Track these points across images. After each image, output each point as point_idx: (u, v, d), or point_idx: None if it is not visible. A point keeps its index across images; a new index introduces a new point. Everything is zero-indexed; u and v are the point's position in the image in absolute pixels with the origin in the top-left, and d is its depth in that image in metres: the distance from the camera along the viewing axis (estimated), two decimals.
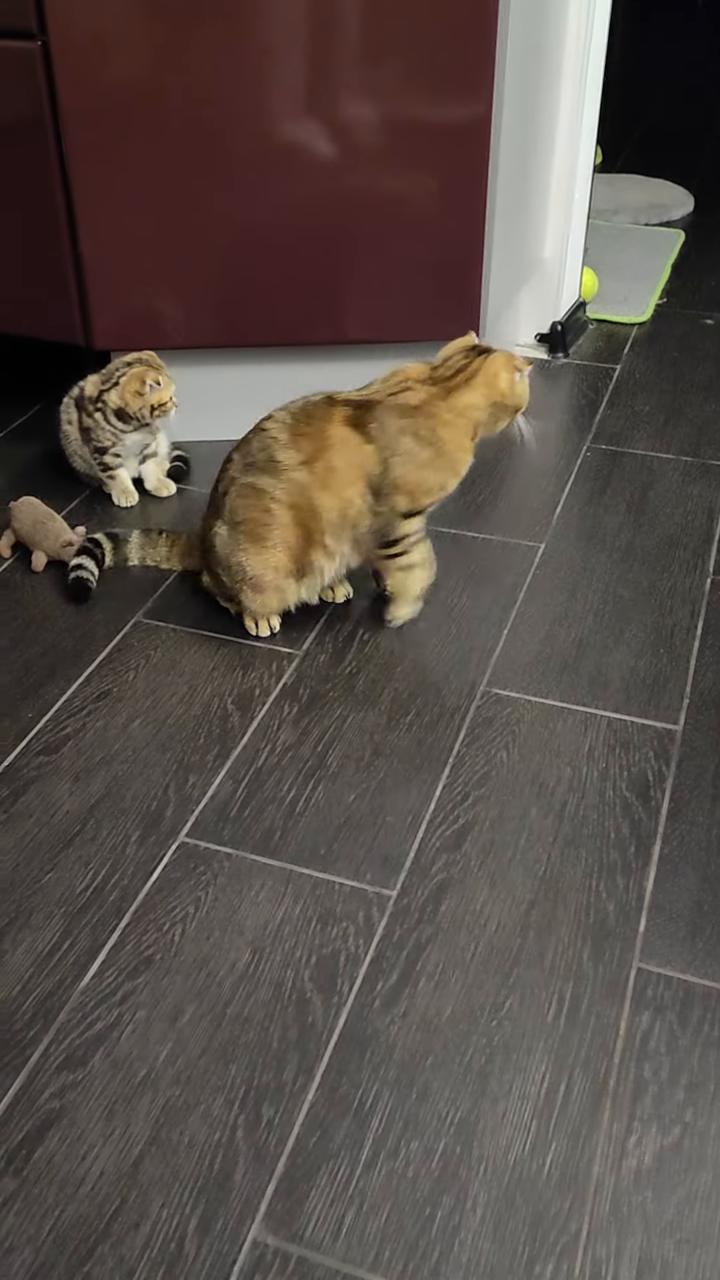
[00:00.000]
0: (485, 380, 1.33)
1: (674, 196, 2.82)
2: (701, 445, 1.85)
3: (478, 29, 1.52)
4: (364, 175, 1.61)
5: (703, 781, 1.23)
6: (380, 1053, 0.97)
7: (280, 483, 1.33)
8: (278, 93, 1.54)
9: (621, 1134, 0.91)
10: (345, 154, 1.60)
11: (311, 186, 1.61)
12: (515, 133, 1.73)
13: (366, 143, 1.59)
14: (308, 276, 1.68)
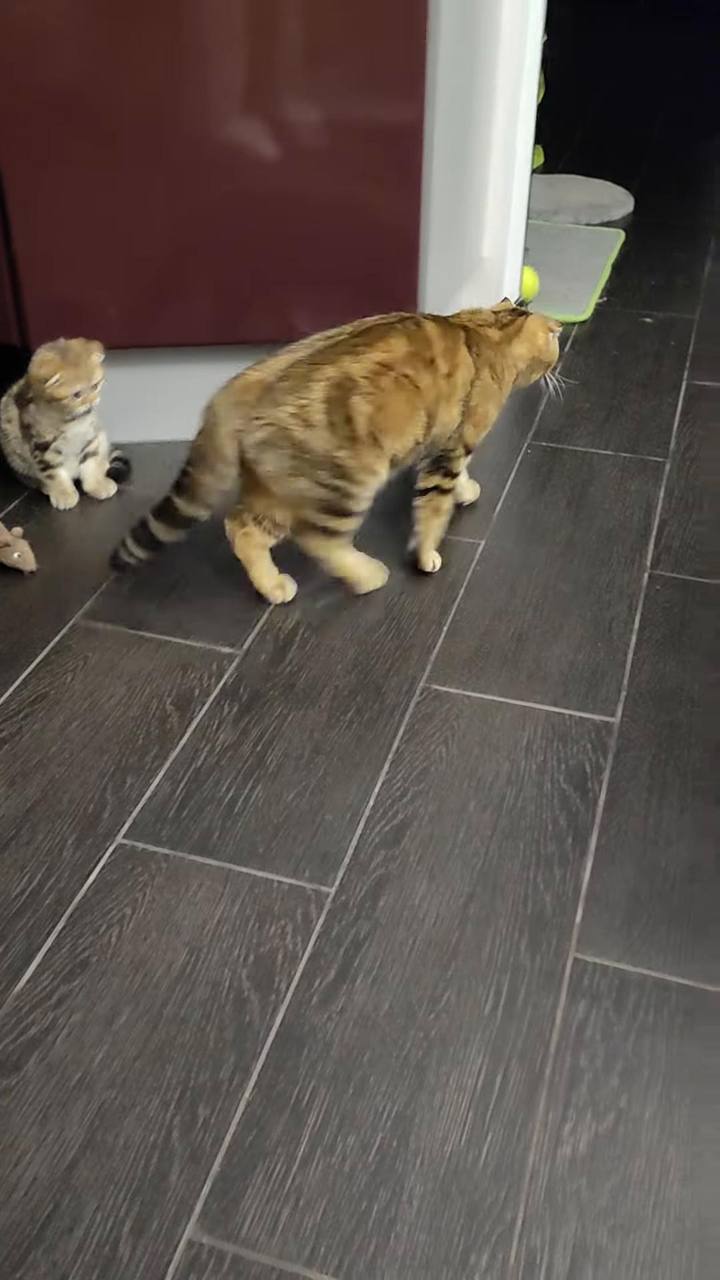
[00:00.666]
0: (527, 336, 1.52)
1: (614, 197, 2.85)
2: (640, 442, 1.87)
3: (409, 30, 1.52)
4: (299, 175, 1.61)
5: (639, 773, 1.24)
6: (318, 1049, 0.97)
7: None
8: (211, 92, 1.54)
9: (557, 1122, 0.92)
10: (280, 154, 1.60)
11: (246, 186, 1.61)
12: (451, 133, 1.74)
13: (301, 143, 1.59)
14: (245, 276, 1.68)
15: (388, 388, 1.36)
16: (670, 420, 1.94)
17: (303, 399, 1.32)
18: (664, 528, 1.66)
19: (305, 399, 1.32)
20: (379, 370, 1.35)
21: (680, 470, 1.80)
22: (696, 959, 1.04)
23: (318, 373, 1.33)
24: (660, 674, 1.38)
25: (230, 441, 1.34)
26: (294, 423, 1.32)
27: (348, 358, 1.35)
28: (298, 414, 1.32)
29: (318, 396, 1.33)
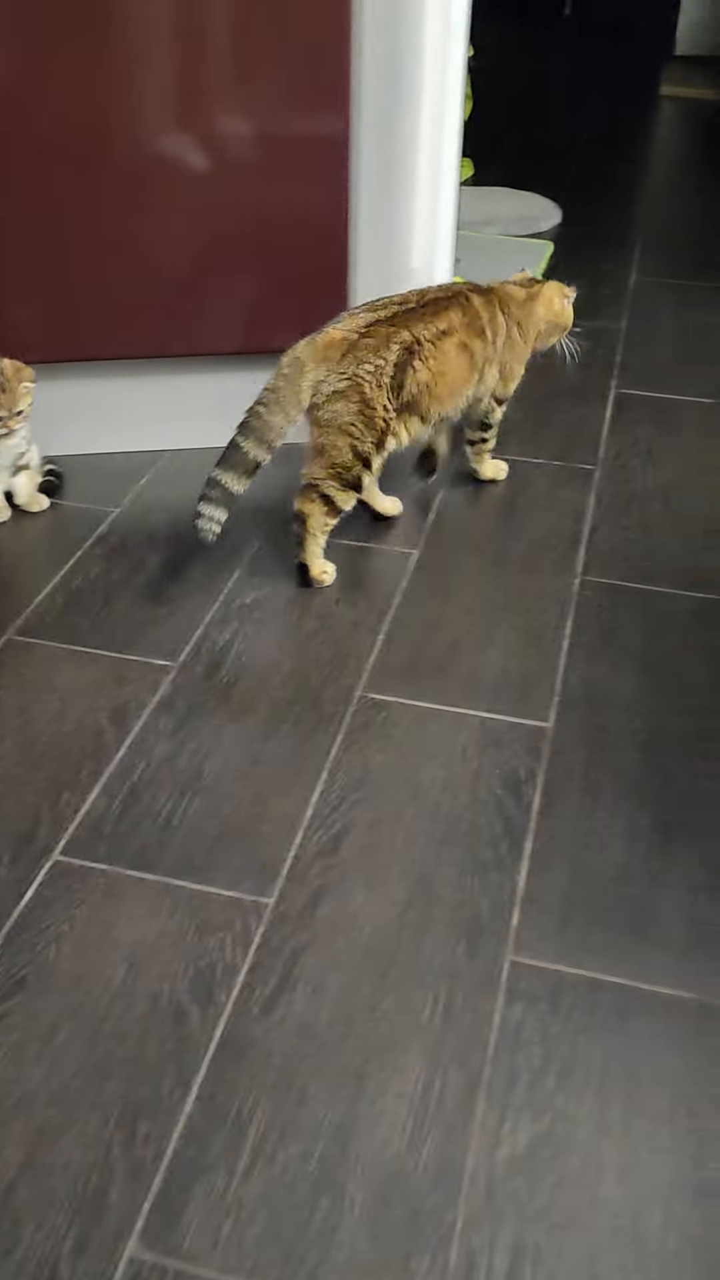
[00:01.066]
0: (545, 301, 1.67)
1: (542, 209, 2.90)
2: (570, 450, 1.90)
3: (332, 45, 1.54)
4: (226, 189, 1.62)
5: (572, 776, 1.27)
6: (258, 1060, 0.97)
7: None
8: (137, 108, 1.54)
9: (495, 1125, 0.93)
10: (207, 168, 1.60)
11: (175, 200, 1.61)
12: (377, 146, 1.75)
13: (228, 157, 1.60)
14: (173, 290, 1.68)
15: (449, 353, 1.52)
16: (599, 428, 1.97)
17: (381, 359, 1.46)
18: (594, 534, 1.69)
19: (383, 359, 1.46)
20: (440, 337, 1.51)
21: (609, 477, 1.83)
22: (629, 958, 1.06)
23: (395, 336, 1.47)
24: (592, 678, 1.41)
25: (309, 390, 1.46)
26: (369, 379, 1.46)
27: (420, 324, 1.50)
28: (374, 372, 1.46)
29: (392, 359, 1.46)
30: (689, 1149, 0.91)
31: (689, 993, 1.03)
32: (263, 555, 1.62)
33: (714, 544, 1.66)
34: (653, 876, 1.14)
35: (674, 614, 1.52)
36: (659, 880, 1.14)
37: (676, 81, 4.25)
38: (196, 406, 1.84)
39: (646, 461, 1.87)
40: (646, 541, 1.67)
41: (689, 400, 2.07)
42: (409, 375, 1.48)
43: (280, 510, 1.72)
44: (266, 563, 1.60)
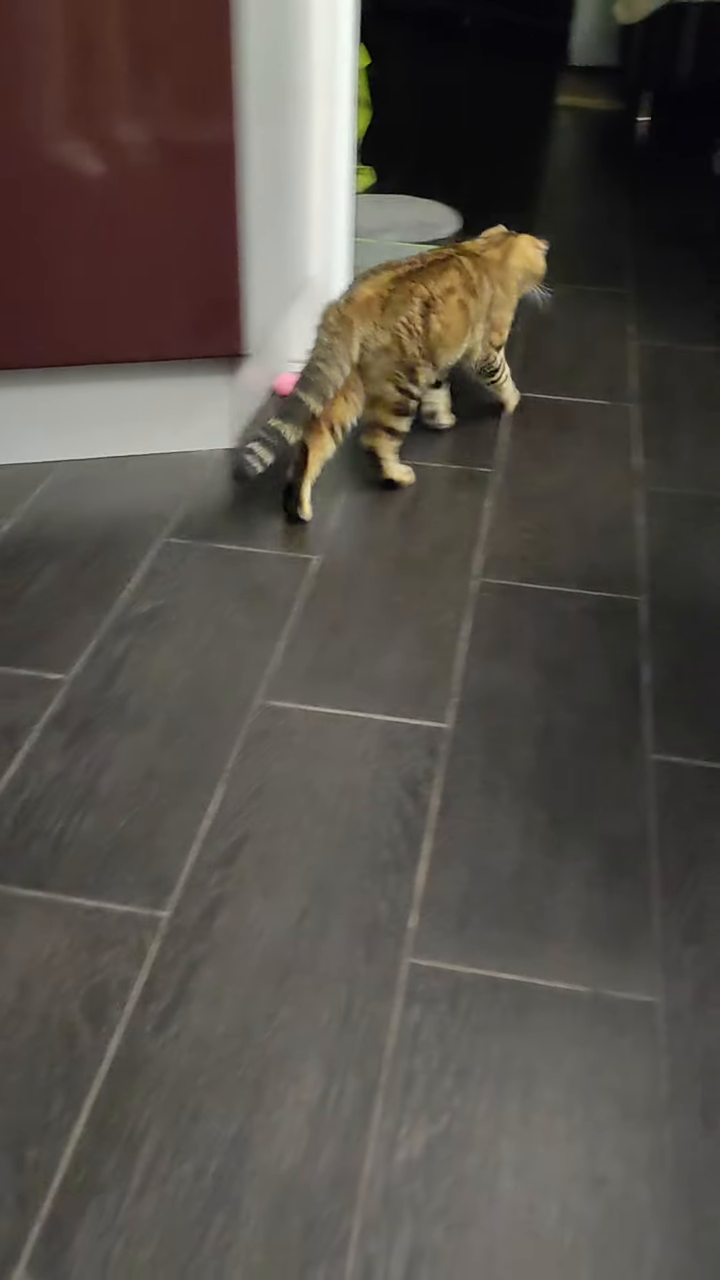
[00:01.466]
0: (519, 253, 1.86)
1: (441, 216, 2.92)
2: (468, 453, 1.92)
3: (214, 52, 1.53)
4: (112, 199, 1.60)
5: (470, 775, 1.27)
6: (152, 1078, 0.95)
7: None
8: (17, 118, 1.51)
9: (392, 1128, 0.92)
10: (90, 178, 1.58)
11: (61, 210, 1.59)
12: (268, 154, 1.75)
13: (111, 167, 1.58)
14: (64, 298, 1.65)
15: (453, 308, 1.72)
16: (496, 431, 1.99)
17: (410, 312, 1.66)
18: (491, 536, 1.70)
19: (411, 312, 1.66)
20: (447, 294, 1.70)
21: (507, 479, 1.85)
22: (525, 955, 1.07)
23: (416, 291, 1.67)
24: (489, 678, 1.41)
25: (359, 343, 1.64)
26: (404, 331, 1.65)
27: (431, 282, 1.69)
28: (407, 324, 1.65)
29: (417, 311, 1.66)
30: (584, 1140, 0.91)
31: (584, 986, 1.04)
32: (159, 566, 1.60)
33: (608, 543, 1.69)
34: (548, 873, 1.15)
35: (570, 613, 1.53)
36: (554, 876, 1.15)
37: (572, 91, 4.33)
38: (91, 417, 1.82)
39: (542, 463, 1.90)
40: (543, 542, 1.69)
41: (585, 402, 2.10)
42: (430, 324, 1.68)
43: (164, 521, 1.71)
44: (163, 573, 1.59)
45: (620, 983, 1.04)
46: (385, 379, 1.67)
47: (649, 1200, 0.88)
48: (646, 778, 1.27)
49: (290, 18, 1.81)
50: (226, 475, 1.82)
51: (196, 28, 1.52)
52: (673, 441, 1.98)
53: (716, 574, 1.63)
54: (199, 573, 1.59)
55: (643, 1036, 1.00)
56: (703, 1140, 0.92)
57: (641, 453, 1.94)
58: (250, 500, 1.76)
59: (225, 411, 1.87)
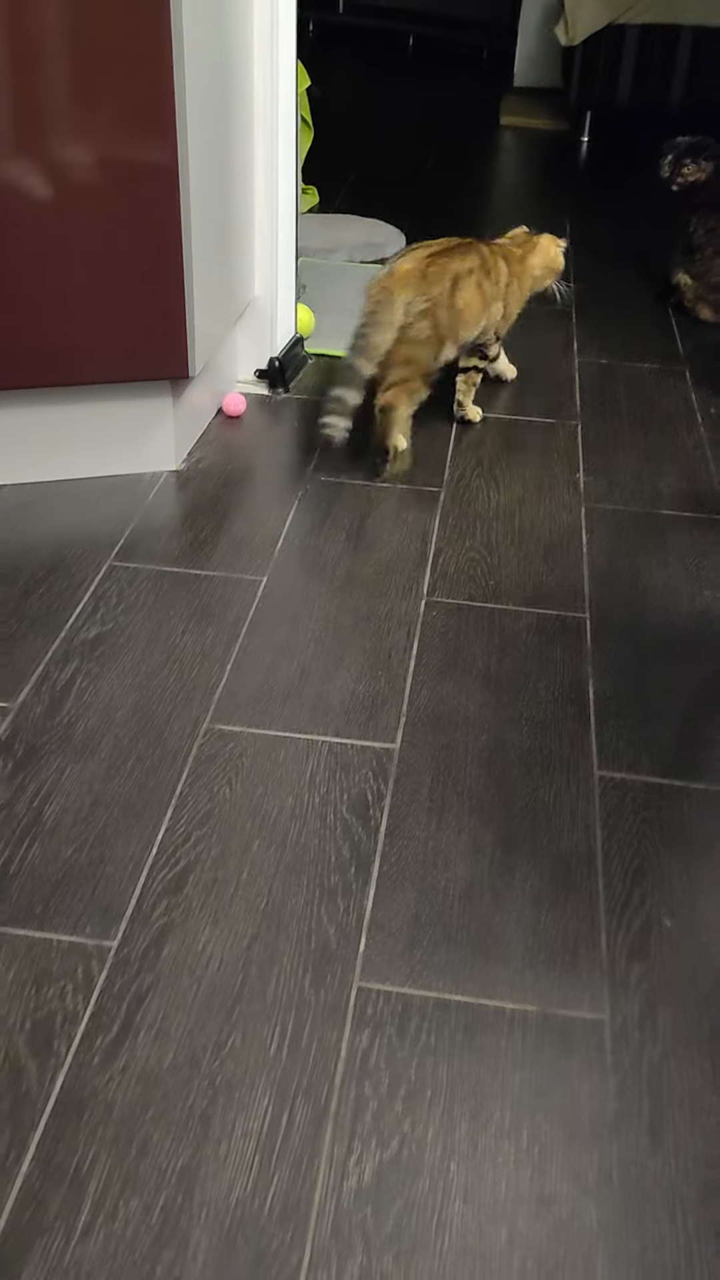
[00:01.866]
0: (541, 251, 2.02)
1: (387, 235, 2.94)
2: (416, 472, 1.93)
3: (153, 74, 1.54)
4: (57, 222, 1.60)
5: (419, 796, 1.27)
6: (99, 1113, 0.95)
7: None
8: None
9: (342, 1155, 0.92)
10: (37, 201, 1.57)
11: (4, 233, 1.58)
12: (210, 175, 1.75)
13: (57, 190, 1.57)
14: (5, 322, 1.64)
15: (473, 288, 1.86)
16: (444, 450, 2.01)
17: (443, 285, 1.81)
18: (439, 555, 1.71)
19: (444, 285, 1.81)
20: (468, 274, 1.85)
21: (454, 499, 1.86)
22: (474, 975, 1.07)
23: (448, 269, 1.83)
24: (437, 698, 1.42)
25: (401, 309, 1.78)
26: (441, 301, 1.81)
27: (458, 260, 1.85)
28: (442, 294, 1.81)
29: (448, 287, 1.82)
30: (531, 1161, 0.92)
31: (532, 1005, 1.04)
32: (106, 590, 1.59)
33: (553, 561, 1.71)
34: (496, 892, 1.16)
35: (516, 630, 1.55)
36: (502, 896, 1.15)
37: (515, 112, 4.38)
38: (35, 440, 1.80)
39: (490, 482, 1.91)
40: (490, 561, 1.70)
41: (530, 420, 2.12)
42: (454, 302, 1.83)
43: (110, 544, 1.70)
44: (110, 597, 1.58)
45: (568, 1001, 1.05)
46: (422, 342, 1.82)
47: (596, 1220, 0.88)
48: (592, 794, 1.28)
49: (229, 40, 1.81)
50: (173, 497, 1.82)
51: (136, 51, 1.52)
52: (615, 459, 2.00)
53: (657, 589, 1.65)
54: (146, 596, 1.58)
55: (590, 1055, 1.00)
56: (650, 1158, 0.93)
57: (585, 470, 1.96)
58: (196, 521, 1.76)
59: (171, 433, 1.87)
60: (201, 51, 1.65)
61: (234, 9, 1.81)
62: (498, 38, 5.29)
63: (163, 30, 1.52)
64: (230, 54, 1.83)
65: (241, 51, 1.90)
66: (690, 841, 1.23)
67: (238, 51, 1.88)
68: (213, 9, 1.69)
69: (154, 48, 1.53)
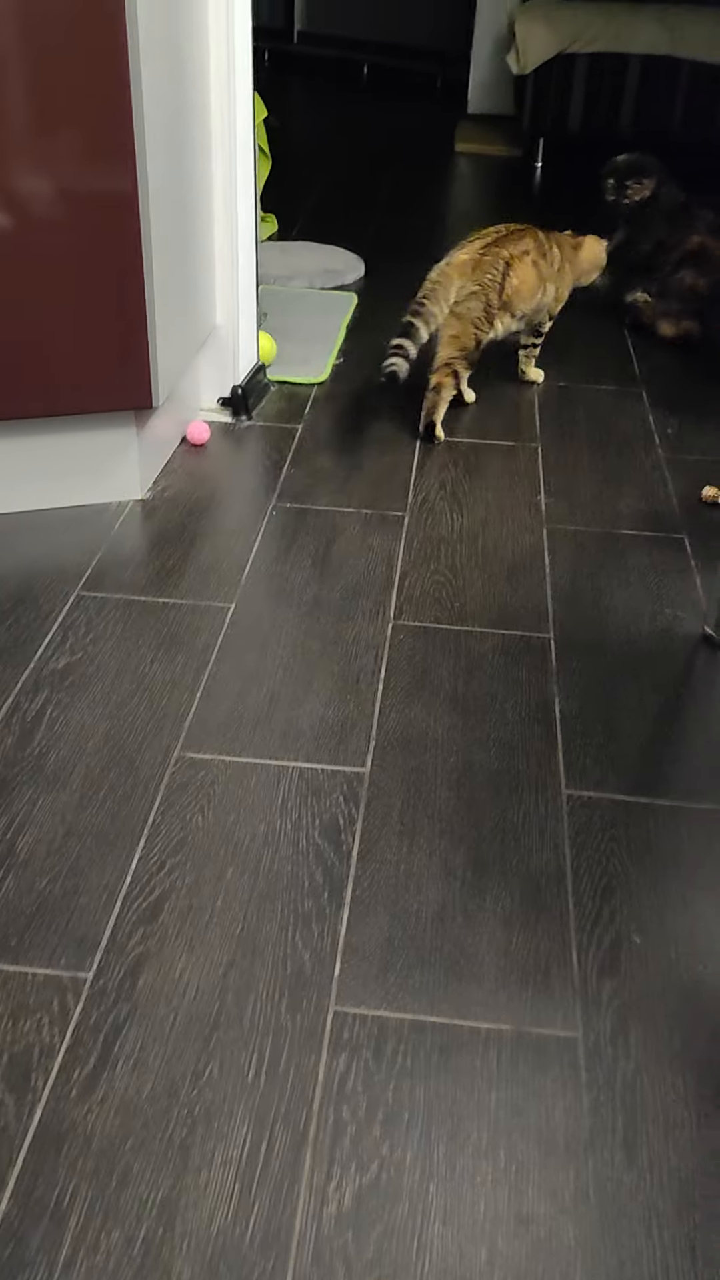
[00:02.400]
0: (588, 249, 2.29)
1: (346, 262, 2.98)
2: (380, 497, 1.95)
3: (112, 106, 1.55)
4: (18, 253, 1.61)
5: (390, 819, 1.29)
6: (78, 1145, 0.95)
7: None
8: None
9: (322, 1181, 0.93)
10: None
11: None
12: (170, 206, 1.77)
13: (18, 222, 1.59)
14: None
15: (528, 266, 2.13)
16: (408, 475, 2.03)
17: (495, 270, 2.09)
18: (405, 579, 1.73)
19: (496, 270, 2.09)
20: (523, 254, 2.12)
21: (418, 522, 1.88)
22: (448, 996, 1.08)
23: (500, 254, 2.10)
24: (406, 720, 1.44)
25: (454, 291, 2.08)
26: (491, 285, 2.08)
27: (510, 247, 2.12)
28: (493, 278, 2.08)
29: (500, 270, 2.09)
30: (509, 1181, 0.93)
31: (506, 1024, 1.06)
32: (74, 620, 1.60)
33: (517, 582, 1.73)
34: (468, 913, 1.17)
35: (482, 652, 1.57)
36: (474, 916, 1.17)
37: (469, 139, 4.45)
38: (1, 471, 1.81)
39: (453, 505, 1.94)
40: (454, 583, 1.72)
41: (491, 444, 2.15)
42: (508, 282, 2.10)
43: (78, 574, 1.71)
44: (78, 627, 1.58)
45: (541, 1020, 1.06)
46: (469, 322, 2.08)
47: (574, 1237, 0.89)
48: (561, 813, 1.30)
49: (186, 72, 1.84)
50: (139, 526, 1.83)
51: (95, 83, 1.54)
52: (575, 480, 2.04)
53: (619, 609, 1.68)
54: (115, 625, 1.59)
55: (564, 1073, 1.02)
56: (625, 1173, 0.94)
57: (546, 492, 1.99)
58: (163, 550, 1.77)
59: (135, 463, 1.88)
60: (159, 83, 1.67)
61: (190, 41, 1.84)
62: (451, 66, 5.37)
63: (120, 62, 1.54)
64: (188, 85, 1.86)
65: (199, 82, 1.92)
66: (658, 857, 1.25)
67: (195, 82, 1.90)
68: (169, 41, 1.71)
69: (112, 80, 1.55)
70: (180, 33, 1.77)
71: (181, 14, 1.77)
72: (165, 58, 1.68)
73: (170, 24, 1.71)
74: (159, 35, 1.64)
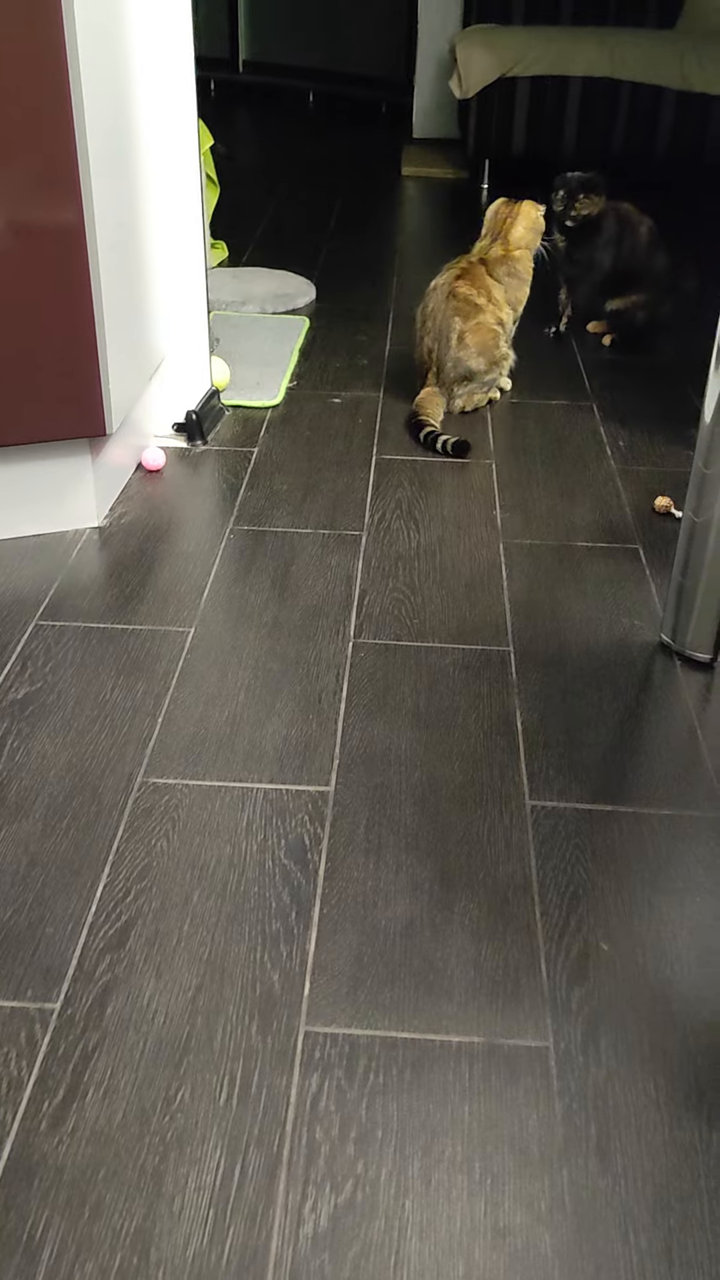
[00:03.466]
0: (523, 215, 2.35)
1: (297, 286, 3.00)
2: (337, 517, 1.96)
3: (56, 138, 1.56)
4: None
5: (355, 837, 1.29)
6: (49, 1177, 0.93)
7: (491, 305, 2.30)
8: None
9: (297, 1202, 0.92)
10: None
11: None
12: (117, 235, 1.78)
13: None
14: None
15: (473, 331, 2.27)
16: (364, 494, 2.04)
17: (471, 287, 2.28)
18: (364, 597, 1.74)
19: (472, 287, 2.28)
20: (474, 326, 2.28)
21: (375, 541, 1.89)
22: (419, 1011, 1.08)
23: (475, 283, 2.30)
24: (369, 738, 1.44)
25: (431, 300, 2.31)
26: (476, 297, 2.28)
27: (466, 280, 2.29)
28: (469, 294, 2.27)
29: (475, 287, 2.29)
30: (484, 1193, 0.93)
31: (478, 1036, 1.06)
32: (33, 650, 1.59)
33: (475, 598, 1.74)
34: (436, 927, 1.17)
35: (443, 667, 1.58)
36: (442, 930, 1.17)
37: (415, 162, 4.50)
38: None
39: (409, 523, 1.95)
40: (414, 600, 1.73)
41: (445, 461, 2.17)
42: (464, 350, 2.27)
43: (35, 603, 1.70)
44: (37, 656, 1.57)
45: (512, 1030, 1.07)
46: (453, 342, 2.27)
47: (551, 1246, 0.89)
48: (525, 824, 1.31)
49: (129, 102, 1.85)
50: (97, 553, 1.82)
51: (38, 117, 1.55)
52: (530, 494, 2.06)
53: (576, 620, 1.69)
54: (74, 653, 1.58)
55: (536, 1082, 1.02)
56: (600, 1180, 0.94)
57: (502, 507, 2.01)
58: (122, 576, 1.76)
59: (91, 490, 1.87)
60: (102, 115, 1.68)
61: (133, 71, 1.85)
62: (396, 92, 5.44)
63: (62, 95, 1.55)
64: (131, 116, 1.87)
65: (143, 113, 1.94)
66: (622, 864, 1.26)
67: (139, 113, 1.92)
68: (111, 72, 1.73)
69: (55, 114, 1.56)
70: (122, 64, 1.79)
71: (123, 45, 1.79)
72: (108, 89, 1.69)
73: (111, 56, 1.72)
74: (101, 67, 1.65)
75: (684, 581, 1.58)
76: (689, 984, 1.12)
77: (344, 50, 5.75)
